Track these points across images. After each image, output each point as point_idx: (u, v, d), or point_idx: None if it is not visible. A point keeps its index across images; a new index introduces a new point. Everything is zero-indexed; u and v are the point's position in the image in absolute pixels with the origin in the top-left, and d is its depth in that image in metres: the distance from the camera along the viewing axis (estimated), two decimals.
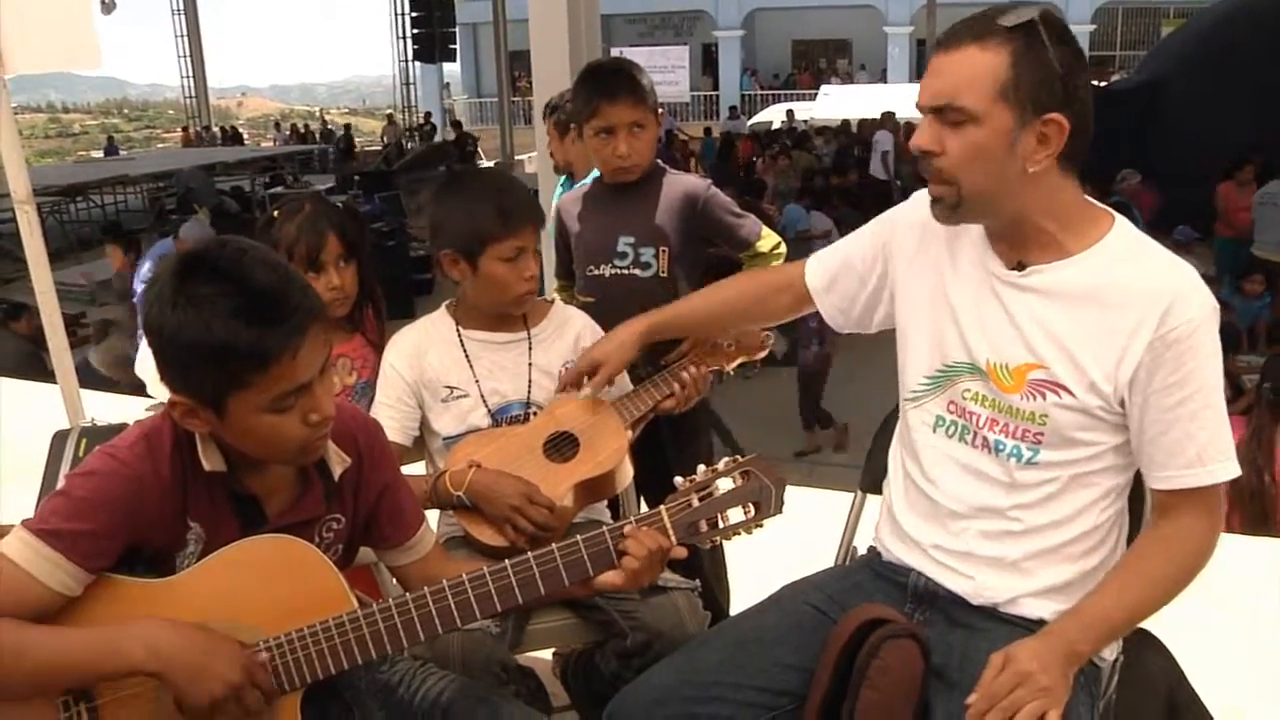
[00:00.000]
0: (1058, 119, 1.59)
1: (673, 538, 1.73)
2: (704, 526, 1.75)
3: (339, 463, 1.69)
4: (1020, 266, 1.71)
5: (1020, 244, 1.71)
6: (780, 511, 1.79)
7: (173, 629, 1.50)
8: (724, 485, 1.77)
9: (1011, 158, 1.60)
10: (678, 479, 1.79)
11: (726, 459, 1.80)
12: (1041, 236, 1.69)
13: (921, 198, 1.91)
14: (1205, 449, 1.62)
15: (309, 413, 1.54)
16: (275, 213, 2.43)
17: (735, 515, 1.78)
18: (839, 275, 2.02)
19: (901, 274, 1.90)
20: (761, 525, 1.78)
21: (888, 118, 18.00)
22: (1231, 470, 1.64)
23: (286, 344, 1.47)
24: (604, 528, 1.72)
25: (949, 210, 1.69)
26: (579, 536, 1.70)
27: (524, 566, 1.67)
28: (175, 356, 1.48)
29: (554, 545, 1.69)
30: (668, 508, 1.74)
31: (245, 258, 1.50)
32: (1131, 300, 1.62)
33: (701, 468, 1.79)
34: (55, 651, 1.46)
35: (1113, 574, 1.69)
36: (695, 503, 1.75)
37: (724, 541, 1.81)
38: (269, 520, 1.64)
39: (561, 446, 2.22)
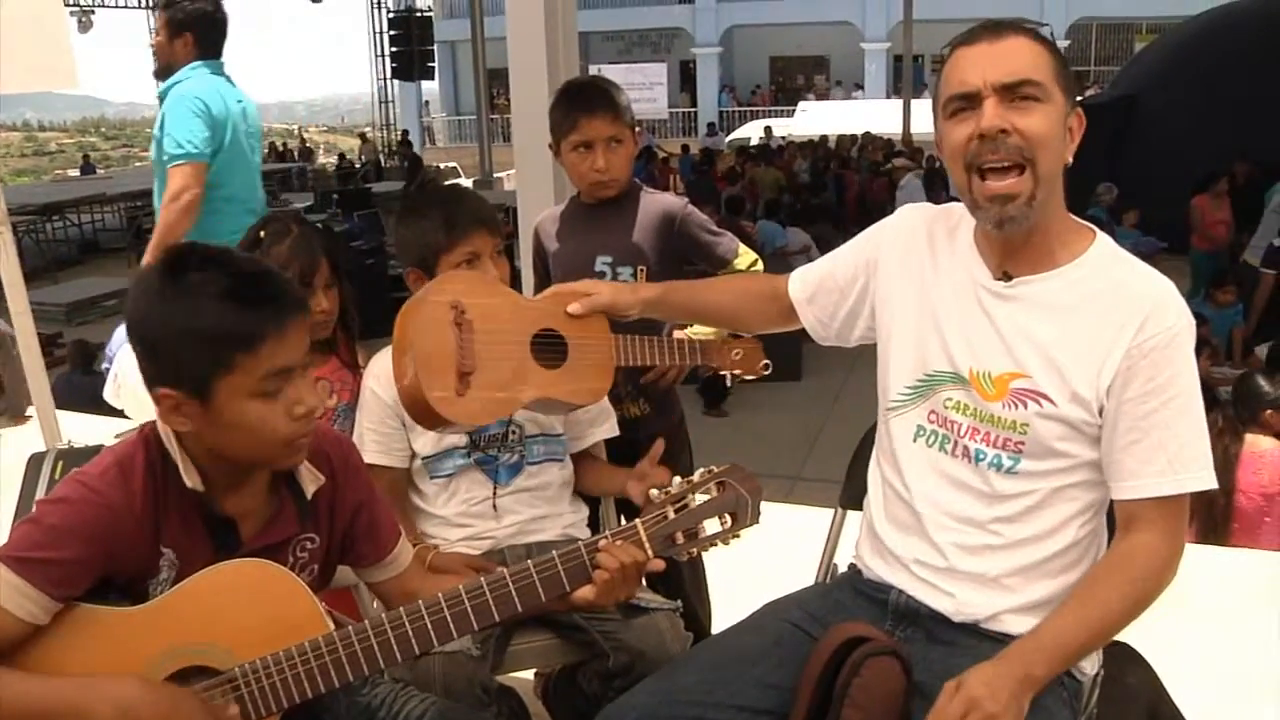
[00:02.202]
0: (1080, 113, 1.68)
1: (649, 551, 1.72)
2: (681, 538, 1.74)
3: (312, 481, 1.69)
4: (1006, 277, 1.73)
5: (1012, 253, 1.73)
6: (757, 521, 1.78)
7: (140, 687, 1.48)
8: (700, 496, 1.77)
9: (1064, 143, 1.66)
10: (653, 491, 1.77)
11: (702, 470, 1.79)
12: (1036, 246, 1.71)
13: (908, 211, 1.93)
14: (1176, 458, 1.63)
15: (294, 404, 1.55)
16: (261, 233, 2.43)
17: (712, 526, 1.77)
18: (820, 288, 2.03)
19: (884, 286, 1.91)
20: (738, 535, 1.78)
21: (870, 138, 18.00)
22: (1205, 481, 1.64)
23: (274, 324, 1.51)
24: (580, 543, 1.71)
25: (1025, 205, 1.64)
26: (555, 552, 1.69)
27: (500, 584, 1.65)
28: (164, 346, 1.50)
29: (530, 561, 1.68)
30: (644, 521, 1.73)
31: (228, 251, 1.56)
32: (1111, 310, 1.64)
33: (677, 480, 1.77)
34: (18, 699, 1.44)
35: (1072, 594, 1.68)
36: (671, 515, 1.74)
37: (701, 553, 1.80)
38: (244, 543, 1.62)
39: (548, 349, 2.10)
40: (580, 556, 1.70)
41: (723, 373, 2.42)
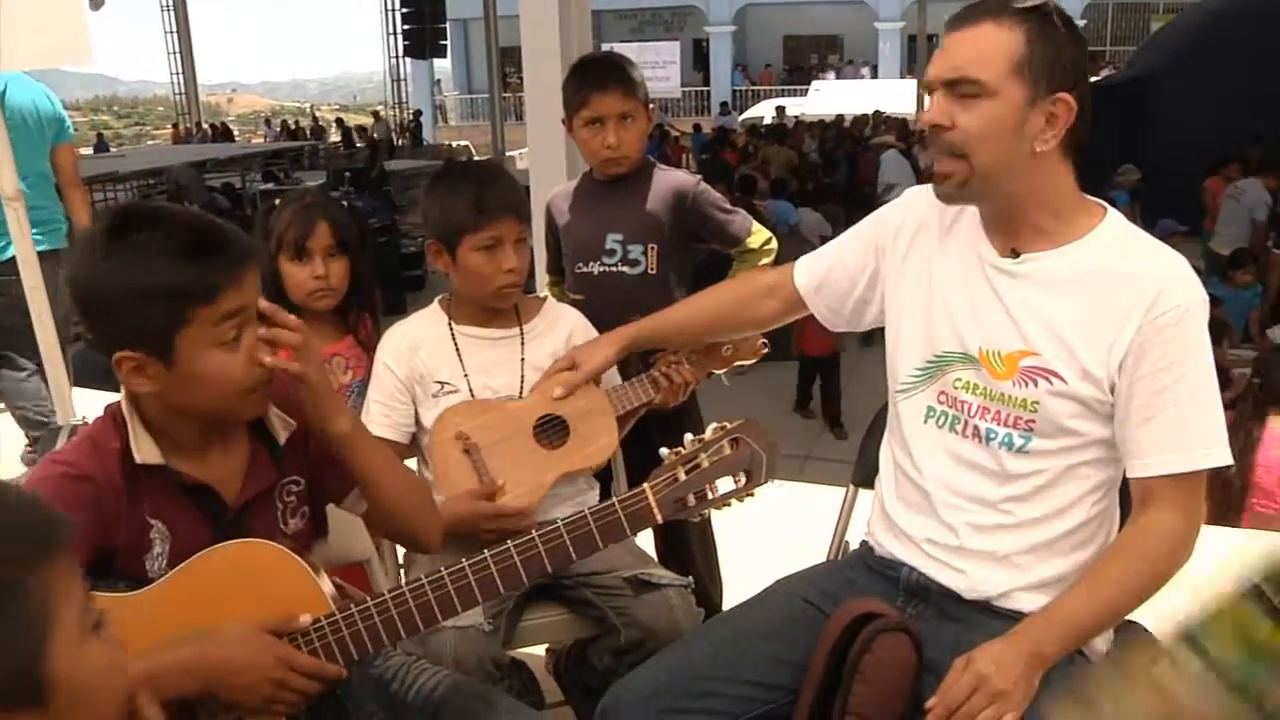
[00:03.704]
0: (1066, 99, 1.62)
1: (658, 516, 1.70)
2: (692, 500, 1.70)
3: (284, 428, 1.68)
4: (1014, 254, 1.72)
5: (1015, 232, 1.72)
6: (773, 478, 1.74)
7: (202, 648, 1.49)
8: (712, 454, 1.72)
9: (1021, 135, 1.63)
10: (663, 450, 1.73)
11: (715, 425, 1.75)
12: (1036, 224, 1.70)
13: (912, 195, 1.92)
14: (1190, 434, 1.62)
15: (253, 351, 1.54)
16: (277, 201, 2.51)
17: (725, 485, 1.73)
18: (829, 275, 2.02)
19: (893, 269, 1.91)
20: (753, 494, 1.74)
21: (881, 118, 17.93)
22: (1220, 458, 1.63)
23: (228, 273, 1.50)
24: (586, 510, 1.69)
25: (956, 187, 1.69)
26: (560, 520, 1.67)
27: (504, 556, 1.65)
28: (119, 308, 1.49)
29: (534, 533, 1.66)
30: (652, 485, 1.68)
31: (169, 208, 1.56)
32: (1122, 287, 1.63)
33: (689, 437, 1.72)
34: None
35: (1086, 573, 1.69)
36: (681, 476, 1.69)
37: (714, 511, 1.77)
38: (230, 507, 1.62)
39: (551, 431, 2.23)
40: (588, 525, 1.67)
41: (724, 371, 2.44)
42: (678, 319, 2.27)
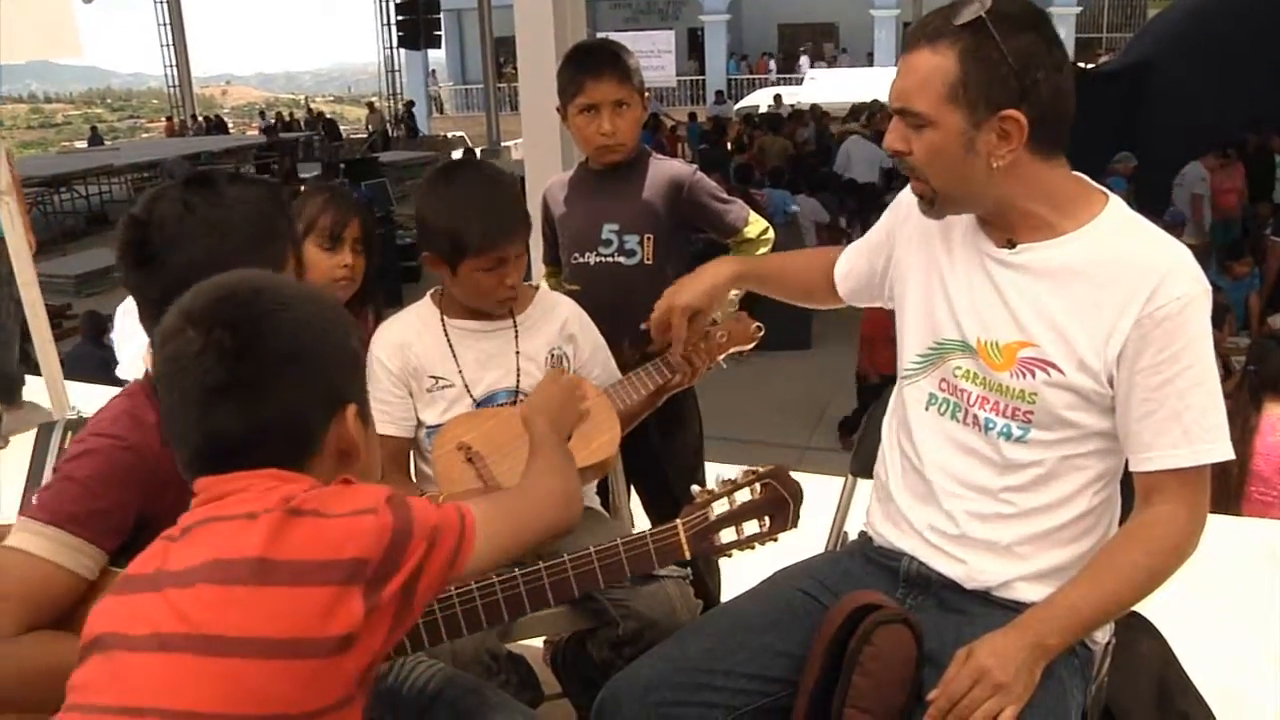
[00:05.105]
0: (1014, 115, 1.57)
1: (687, 553, 1.75)
2: (719, 540, 1.80)
3: None
4: (1011, 244, 1.71)
5: (1009, 225, 1.71)
6: (795, 525, 1.83)
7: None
8: (740, 496, 1.82)
9: (972, 156, 1.61)
10: (695, 488, 1.82)
11: (745, 469, 1.84)
12: (1031, 219, 1.68)
13: None
14: (1191, 429, 1.61)
15: None
16: (302, 188, 2.50)
17: (750, 527, 1.83)
18: (856, 261, 2.07)
19: (901, 254, 1.91)
20: (775, 539, 1.83)
21: (878, 106, 17.96)
22: (1221, 452, 1.62)
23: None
24: (617, 540, 1.73)
25: (929, 206, 1.73)
26: (591, 546, 1.71)
27: (533, 577, 1.70)
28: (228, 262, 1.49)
29: (565, 556, 1.71)
30: (684, 522, 1.79)
31: (222, 171, 1.70)
32: (1121, 277, 1.61)
33: (719, 476, 1.82)
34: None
35: (1089, 565, 1.67)
36: (711, 516, 1.79)
37: (736, 552, 1.86)
38: None
39: None
40: (618, 554, 1.75)
41: (720, 359, 2.43)
42: (779, 268, 2.28)
